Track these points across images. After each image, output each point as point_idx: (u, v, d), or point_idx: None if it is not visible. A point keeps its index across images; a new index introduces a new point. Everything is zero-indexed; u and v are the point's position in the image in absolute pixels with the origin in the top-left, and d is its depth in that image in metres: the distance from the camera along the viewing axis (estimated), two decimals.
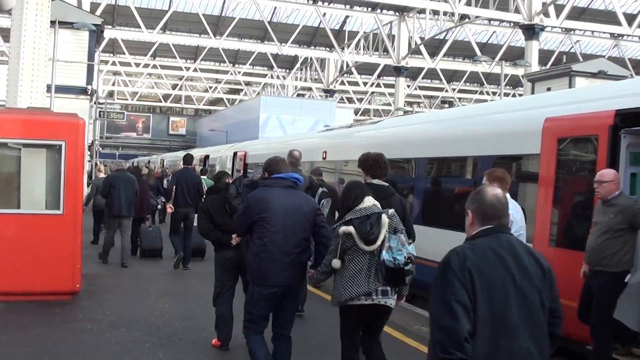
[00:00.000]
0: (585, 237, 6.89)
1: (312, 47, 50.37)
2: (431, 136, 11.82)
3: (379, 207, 5.63)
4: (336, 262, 5.52)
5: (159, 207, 19.27)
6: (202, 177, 16.77)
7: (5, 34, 29.35)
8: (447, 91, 59.73)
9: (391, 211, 5.67)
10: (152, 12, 45.27)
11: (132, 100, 70.70)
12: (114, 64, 57.62)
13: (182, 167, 14.21)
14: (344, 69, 50.08)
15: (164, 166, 42.34)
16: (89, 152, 29.38)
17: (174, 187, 13.29)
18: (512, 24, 38.49)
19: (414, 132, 12.75)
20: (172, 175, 15.10)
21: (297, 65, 55.73)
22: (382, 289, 5.48)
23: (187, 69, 57.69)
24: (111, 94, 66.89)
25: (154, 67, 58.92)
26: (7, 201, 9.57)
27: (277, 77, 58.03)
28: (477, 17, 35.52)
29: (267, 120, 42.73)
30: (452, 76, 59.06)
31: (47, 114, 11.23)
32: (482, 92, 61.78)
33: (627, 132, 7.03)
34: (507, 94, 50.92)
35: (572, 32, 43.41)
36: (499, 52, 42.27)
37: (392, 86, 49.24)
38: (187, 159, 14.18)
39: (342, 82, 57.30)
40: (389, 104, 57.71)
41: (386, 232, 5.47)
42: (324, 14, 41.94)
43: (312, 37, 50.68)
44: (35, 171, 9.69)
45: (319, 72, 52.78)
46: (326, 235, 5.83)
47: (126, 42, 48.93)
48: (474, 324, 3.13)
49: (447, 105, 63.59)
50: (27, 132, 9.65)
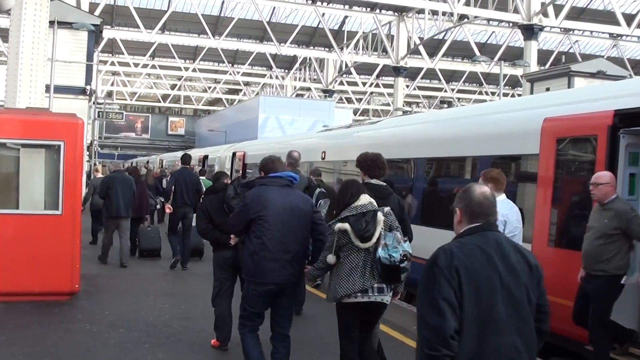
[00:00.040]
0: (584, 237, 6.90)
1: (311, 47, 50.31)
2: (430, 136, 11.82)
3: (375, 205, 5.67)
4: (331, 258, 5.59)
5: (157, 207, 19.27)
6: (201, 178, 16.78)
7: (4, 34, 29.32)
8: (446, 91, 59.69)
9: (387, 209, 5.71)
10: (151, 12, 45.23)
11: (131, 100, 70.53)
12: (112, 64, 57.55)
13: (180, 167, 14.22)
14: (343, 69, 50.00)
15: (162, 166, 42.29)
16: (87, 153, 29.36)
17: (173, 187, 13.30)
18: (511, 24, 38.47)
19: (413, 132, 12.76)
20: (170, 175, 15.10)
21: (296, 65, 55.69)
22: (377, 286, 5.53)
23: (186, 69, 57.58)
24: (110, 94, 66.93)
25: (153, 67, 58.88)
26: (6, 201, 9.58)
27: (276, 77, 58.02)
28: (476, 17, 35.51)
29: (266, 120, 42.70)
30: (451, 76, 59.09)
31: (46, 114, 11.23)
32: (481, 92, 61.74)
33: (626, 132, 7.03)
34: (506, 94, 50.85)
35: (571, 32, 43.38)
36: (498, 52, 42.30)
37: (391, 86, 49.18)
38: (185, 159, 14.19)
39: (341, 82, 57.25)
40: (388, 104, 57.70)
41: (382, 229, 5.51)
42: (323, 14, 41.90)
43: (311, 37, 50.66)
44: (34, 171, 9.69)
45: (318, 72, 52.74)
46: (323, 232, 5.86)
47: (125, 42, 48.87)
48: (460, 321, 3.19)
49: (446, 105, 63.55)
50: (26, 132, 9.65)
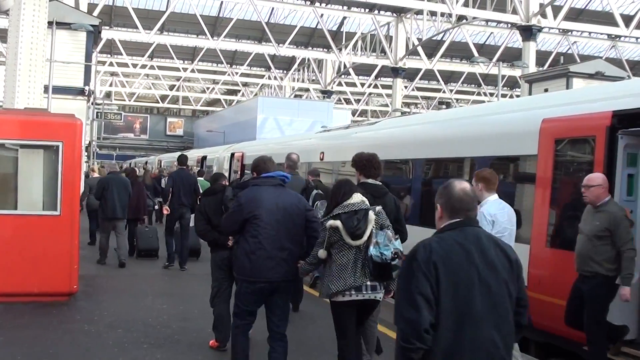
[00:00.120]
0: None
1: (310, 48, 50.30)
2: (429, 137, 11.83)
3: (367, 203, 5.75)
4: (322, 253, 5.69)
5: (155, 207, 19.28)
6: (199, 179, 16.80)
7: (2, 34, 29.30)
8: (444, 92, 59.70)
9: (378, 208, 5.80)
10: (150, 12, 45.20)
11: (130, 101, 70.54)
12: (111, 64, 57.52)
13: (177, 168, 14.25)
14: (342, 69, 50.03)
15: (161, 166, 42.29)
16: (86, 153, 29.35)
17: (171, 189, 13.35)
18: (509, 25, 38.49)
19: (411, 133, 12.76)
20: (168, 176, 15.16)
21: (295, 66, 55.68)
22: (371, 284, 5.62)
23: (185, 69, 57.53)
24: (108, 95, 66.88)
25: (152, 67, 58.84)
26: (4, 202, 9.58)
27: (275, 78, 58.00)
28: (474, 18, 35.54)
29: (264, 121, 42.70)
30: (449, 77, 59.11)
31: (45, 114, 11.23)
32: (479, 93, 61.79)
33: (624, 133, 7.05)
34: (504, 95, 50.99)
35: (570, 33, 43.38)
36: (496, 53, 42.39)
37: (389, 87, 49.18)
38: (181, 160, 14.27)
39: (340, 83, 57.27)
40: (387, 105, 57.75)
41: (373, 228, 5.58)
42: (322, 15, 41.91)
43: (310, 38, 50.64)
44: (32, 172, 9.68)
45: (317, 73, 52.76)
46: (317, 229, 5.97)
47: (123, 42, 48.87)
48: (438, 315, 3.27)
49: (444, 106, 63.59)
50: (25, 132, 9.65)
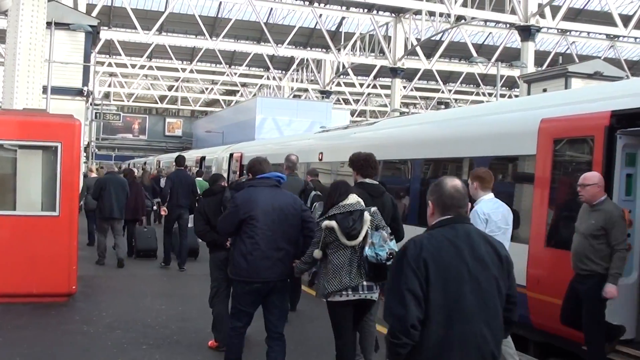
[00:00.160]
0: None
1: (309, 49, 50.30)
2: (427, 137, 11.82)
3: (362, 204, 5.81)
4: (317, 253, 5.76)
5: (154, 208, 19.29)
6: (198, 179, 16.84)
7: (1, 35, 29.25)
8: (443, 92, 59.69)
9: (373, 209, 5.85)
10: (148, 13, 45.19)
11: (128, 101, 70.52)
12: (110, 65, 57.50)
13: (175, 169, 14.29)
14: (340, 70, 50.04)
15: (160, 167, 42.26)
16: (85, 154, 29.32)
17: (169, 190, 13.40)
18: (508, 25, 38.54)
19: (410, 133, 12.76)
20: (166, 178, 15.23)
21: (293, 66, 55.65)
22: (367, 284, 5.66)
23: (183, 70, 57.54)
24: (107, 96, 66.82)
25: (150, 68, 58.82)
26: (3, 203, 9.57)
27: (274, 78, 57.98)
28: (473, 18, 35.58)
29: (263, 121, 42.67)
30: (448, 77, 59.13)
31: (43, 115, 11.21)
32: (478, 94, 61.83)
33: (623, 133, 7.04)
34: (503, 95, 51.01)
35: (568, 33, 43.43)
36: (495, 53, 42.39)
37: (388, 87, 49.22)
38: (179, 161, 14.35)
39: (339, 84, 57.28)
40: (385, 105, 57.78)
41: (369, 228, 5.63)
42: (320, 15, 41.92)
43: (308, 38, 50.63)
44: (31, 173, 9.68)
45: (315, 73, 52.77)
46: (313, 229, 6.05)
47: (122, 43, 48.84)
48: (429, 310, 3.33)
49: (443, 106, 63.60)
50: (23, 133, 9.64)
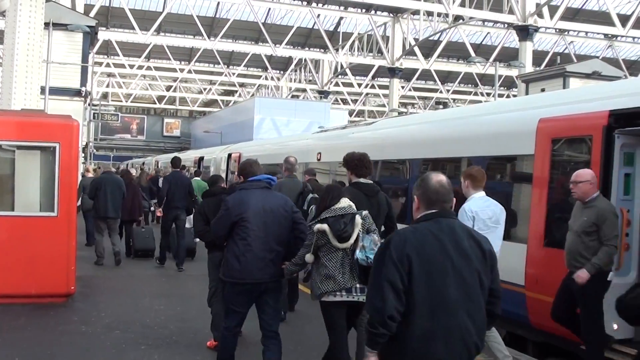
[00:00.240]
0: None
1: (307, 49, 50.28)
2: (426, 137, 11.82)
3: (354, 208, 5.89)
4: (309, 257, 5.83)
5: (151, 208, 19.29)
6: (195, 179, 16.87)
7: None
8: (441, 92, 59.69)
9: (365, 212, 5.91)
10: (146, 13, 45.16)
11: (126, 101, 70.47)
12: (108, 65, 57.50)
13: (172, 171, 14.34)
14: (338, 70, 50.01)
15: (158, 167, 42.24)
16: (83, 154, 29.30)
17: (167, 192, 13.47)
18: (506, 25, 38.57)
19: (408, 133, 12.75)
20: (163, 179, 15.29)
21: (292, 66, 55.67)
22: (360, 286, 5.70)
23: (182, 70, 57.50)
24: (105, 96, 66.72)
25: (148, 68, 58.83)
26: (1, 203, 9.56)
27: (272, 78, 57.96)
28: (471, 18, 35.60)
29: (261, 121, 42.68)
30: (446, 77, 59.13)
31: (41, 115, 11.19)
32: (476, 93, 61.87)
33: (621, 133, 7.05)
34: (501, 95, 51.04)
35: (566, 33, 43.45)
36: (493, 53, 42.37)
37: (386, 87, 49.23)
38: (175, 162, 14.39)
39: (337, 84, 57.30)
40: (384, 105, 57.72)
41: (360, 231, 5.70)
42: (318, 15, 41.92)
43: (307, 38, 50.62)
44: (29, 173, 9.67)
45: (313, 74, 52.76)
46: (304, 230, 6.12)
47: (120, 43, 48.83)
48: (413, 303, 3.43)
49: (441, 106, 63.62)
50: (21, 134, 9.62)
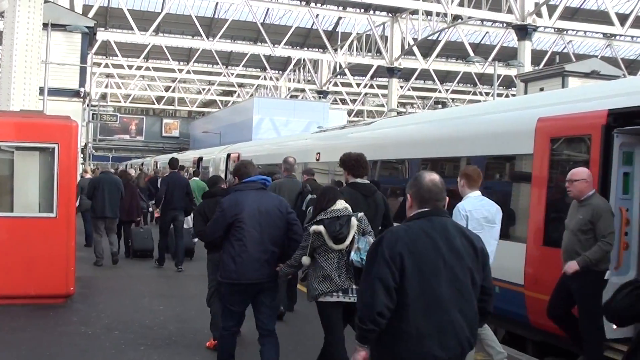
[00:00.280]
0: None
1: (305, 49, 50.26)
2: (425, 137, 11.81)
3: (350, 210, 5.93)
4: (305, 259, 5.86)
5: (149, 209, 19.29)
6: (194, 179, 16.88)
7: None
8: (440, 92, 59.68)
9: (360, 214, 5.95)
10: (145, 14, 45.16)
11: (125, 102, 70.41)
12: (106, 66, 57.43)
13: (169, 172, 14.36)
14: (337, 70, 50.02)
15: (157, 167, 42.23)
16: (82, 155, 29.30)
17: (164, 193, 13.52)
18: (504, 25, 38.54)
19: (407, 132, 12.75)
20: (161, 180, 15.32)
21: (290, 66, 55.64)
22: (356, 287, 5.73)
23: (180, 70, 57.49)
24: (104, 97, 66.68)
25: (147, 69, 58.81)
26: (0, 204, 9.54)
27: (270, 78, 57.98)
28: (469, 17, 35.58)
29: (260, 121, 42.69)
30: (445, 77, 59.14)
31: (40, 116, 11.17)
32: (475, 93, 61.87)
33: (620, 132, 7.05)
34: (500, 95, 51.04)
35: (565, 32, 43.48)
36: (492, 53, 42.35)
37: (385, 87, 49.21)
38: (172, 163, 14.47)
39: (335, 84, 57.28)
40: (382, 105, 57.70)
41: (355, 233, 5.75)
42: (317, 15, 41.94)
43: (305, 38, 50.63)
44: (28, 174, 9.66)
45: (312, 74, 52.74)
46: (297, 232, 6.15)
47: (119, 44, 48.84)
48: (407, 300, 3.48)
49: (440, 106, 63.62)
50: (20, 134, 9.61)
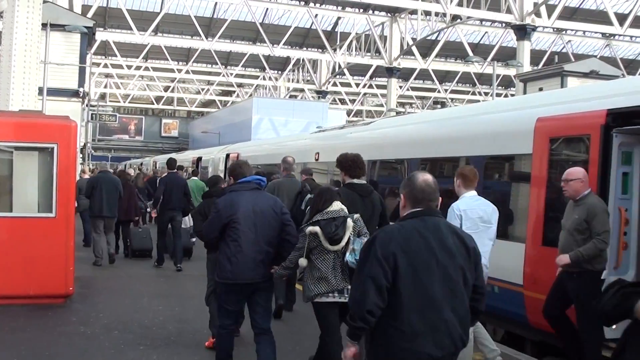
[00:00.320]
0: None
1: (304, 49, 50.32)
2: (424, 137, 11.81)
3: (346, 211, 5.97)
4: (302, 261, 5.89)
5: (147, 210, 19.28)
6: (193, 178, 16.89)
7: None
8: (439, 92, 59.69)
9: (356, 216, 5.99)
10: (144, 14, 45.17)
11: (124, 102, 70.46)
12: (105, 66, 57.44)
13: (167, 173, 14.36)
14: (336, 70, 49.99)
15: (156, 167, 42.23)
16: (81, 155, 29.29)
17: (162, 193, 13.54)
18: (503, 25, 38.53)
19: (406, 132, 12.74)
20: (159, 181, 15.34)
21: (289, 66, 55.65)
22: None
23: (179, 71, 57.48)
24: (103, 97, 66.68)
25: (146, 69, 58.80)
26: None
27: (269, 78, 57.98)
28: (468, 17, 35.57)
29: (259, 121, 42.68)
30: (444, 77, 59.15)
31: (39, 116, 11.17)
32: (474, 93, 61.86)
33: (619, 132, 7.04)
34: (499, 95, 51.05)
35: (564, 32, 43.51)
36: (490, 53, 42.33)
37: (384, 87, 49.24)
38: (170, 164, 14.50)
39: (335, 84, 57.22)
40: (382, 105, 57.70)
41: (351, 234, 5.78)
42: (316, 15, 41.94)
43: (304, 38, 50.66)
44: (27, 174, 9.67)
45: (311, 74, 52.72)
46: (292, 232, 6.17)
47: (118, 44, 48.80)
48: (401, 299, 3.53)
49: (439, 105, 63.62)
50: (19, 134, 9.61)
